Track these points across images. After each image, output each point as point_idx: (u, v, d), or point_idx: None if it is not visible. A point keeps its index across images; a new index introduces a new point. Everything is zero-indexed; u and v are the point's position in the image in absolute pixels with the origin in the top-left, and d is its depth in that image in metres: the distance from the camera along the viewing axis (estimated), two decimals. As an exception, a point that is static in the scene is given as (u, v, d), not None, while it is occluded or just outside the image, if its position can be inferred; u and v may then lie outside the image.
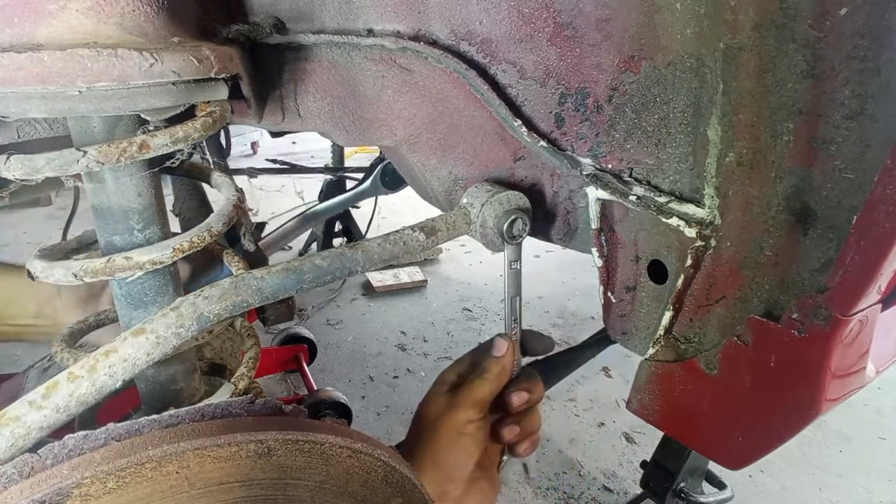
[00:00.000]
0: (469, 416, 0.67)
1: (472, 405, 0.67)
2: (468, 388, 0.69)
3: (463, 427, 0.66)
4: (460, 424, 0.66)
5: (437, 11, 0.66)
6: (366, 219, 3.10)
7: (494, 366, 0.70)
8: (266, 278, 0.55)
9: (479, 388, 0.68)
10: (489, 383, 0.69)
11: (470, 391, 0.68)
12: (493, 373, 0.69)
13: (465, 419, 0.67)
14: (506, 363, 0.71)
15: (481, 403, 0.68)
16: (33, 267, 0.56)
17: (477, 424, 0.67)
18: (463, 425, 0.66)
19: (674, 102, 0.60)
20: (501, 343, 0.71)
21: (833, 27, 0.48)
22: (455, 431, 0.66)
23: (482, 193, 0.69)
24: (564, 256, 3.38)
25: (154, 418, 0.45)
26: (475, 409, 0.67)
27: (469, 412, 0.67)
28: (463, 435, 0.66)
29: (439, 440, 0.66)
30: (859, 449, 2.05)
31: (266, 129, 2.27)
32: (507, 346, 0.71)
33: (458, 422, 0.66)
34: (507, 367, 0.71)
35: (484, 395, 0.68)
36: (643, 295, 0.73)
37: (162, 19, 0.53)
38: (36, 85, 0.46)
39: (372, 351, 2.56)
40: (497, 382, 0.70)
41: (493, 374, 0.69)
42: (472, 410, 0.67)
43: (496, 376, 0.69)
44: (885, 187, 0.47)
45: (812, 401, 0.58)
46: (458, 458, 0.66)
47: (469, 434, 0.67)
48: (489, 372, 0.69)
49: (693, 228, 0.62)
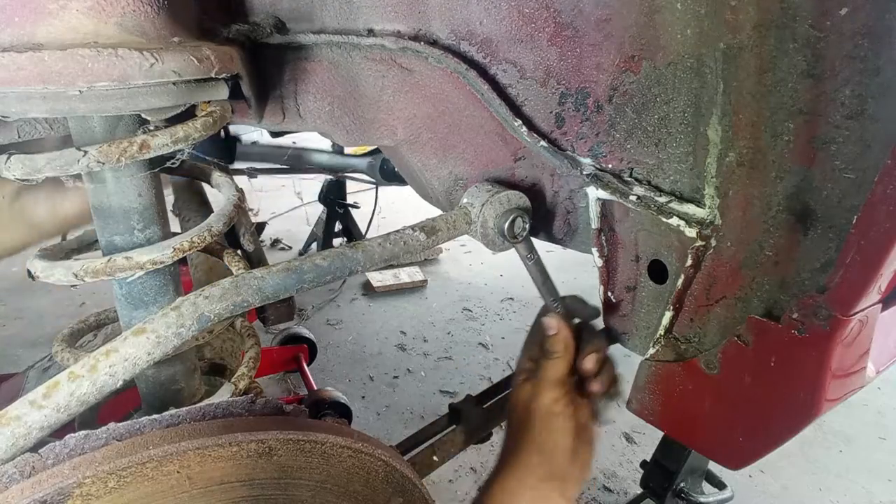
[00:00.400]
0: (554, 395, 0.70)
1: (553, 385, 0.71)
2: (543, 372, 0.72)
3: (552, 407, 0.70)
4: (549, 405, 0.70)
5: (437, 11, 0.66)
6: (366, 219, 3.10)
7: (557, 344, 0.72)
8: (266, 278, 0.55)
9: (554, 368, 0.72)
10: (560, 360, 0.72)
11: (547, 373, 0.72)
12: (558, 350, 0.72)
13: (551, 399, 0.70)
14: (564, 336, 0.73)
15: (560, 380, 0.71)
16: (34, 267, 0.56)
17: (564, 401, 0.70)
18: (552, 405, 0.70)
19: (674, 102, 0.60)
20: (551, 321, 0.73)
21: (833, 27, 0.48)
22: (546, 413, 0.70)
23: (482, 193, 0.69)
24: (564, 256, 3.37)
25: (155, 418, 0.45)
26: (557, 387, 0.71)
27: (552, 392, 0.70)
28: (554, 415, 0.70)
29: (535, 426, 0.70)
30: (859, 449, 2.05)
31: (266, 129, 2.27)
32: (556, 322, 0.73)
33: (546, 404, 0.70)
34: (567, 339, 0.73)
35: (560, 372, 0.72)
36: (643, 295, 0.73)
37: (162, 19, 0.53)
38: (36, 85, 0.46)
39: (372, 351, 2.56)
40: (566, 357, 0.72)
41: (560, 351, 0.72)
42: (554, 390, 0.71)
43: (563, 352, 0.72)
44: (885, 187, 0.47)
45: (812, 401, 0.58)
46: (556, 437, 0.69)
47: (559, 412, 0.70)
48: (555, 351, 0.72)
49: (693, 228, 0.62)
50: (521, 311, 2.85)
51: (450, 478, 1.87)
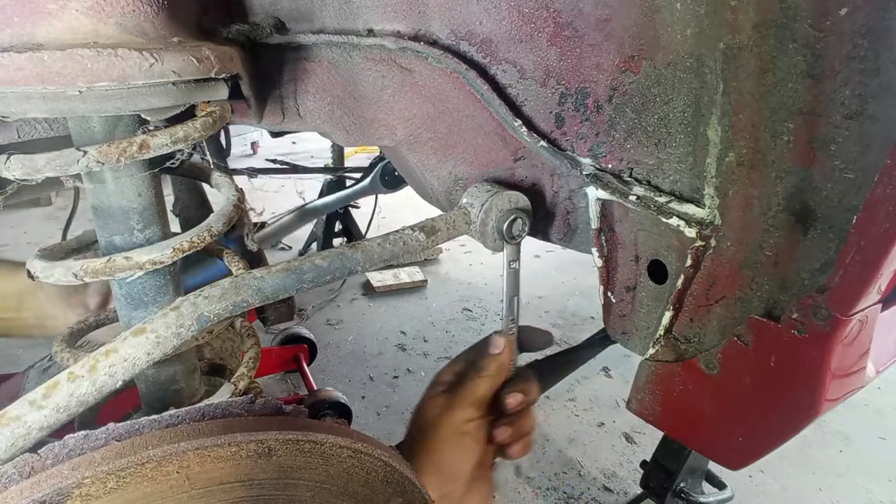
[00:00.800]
0: (469, 414, 0.66)
1: (471, 404, 0.67)
2: (466, 387, 0.68)
3: (463, 426, 0.66)
4: (460, 423, 0.66)
5: (437, 11, 0.66)
6: (366, 219, 3.10)
7: (492, 363, 0.69)
8: (266, 278, 0.55)
9: (478, 387, 0.68)
10: (487, 381, 0.68)
11: (468, 390, 0.68)
12: (490, 370, 0.69)
13: (465, 418, 0.66)
14: (503, 360, 0.70)
15: (480, 401, 0.68)
16: (33, 267, 0.56)
17: (477, 423, 0.67)
18: (463, 424, 0.66)
19: (674, 102, 0.60)
20: (498, 340, 0.71)
21: (833, 27, 0.48)
22: (455, 431, 0.66)
23: (482, 193, 0.69)
24: (564, 256, 3.38)
25: (154, 418, 0.45)
26: (474, 407, 0.67)
27: (468, 411, 0.67)
28: (463, 434, 0.66)
29: (440, 441, 0.65)
30: (859, 449, 2.05)
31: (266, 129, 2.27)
32: (503, 344, 0.71)
33: (458, 421, 0.66)
34: (504, 364, 0.70)
35: (482, 392, 0.68)
36: (643, 295, 0.73)
37: (162, 19, 0.53)
38: (36, 85, 0.46)
39: (372, 351, 2.56)
40: (495, 380, 0.69)
41: (491, 372, 0.69)
42: (471, 409, 0.67)
43: (494, 374, 0.69)
44: (885, 187, 0.47)
45: (812, 401, 0.58)
46: (459, 457, 0.65)
47: (469, 433, 0.66)
48: (487, 370, 0.69)
49: (693, 228, 0.62)
50: (520, 311, 2.84)
51: (450, 478, 1.87)
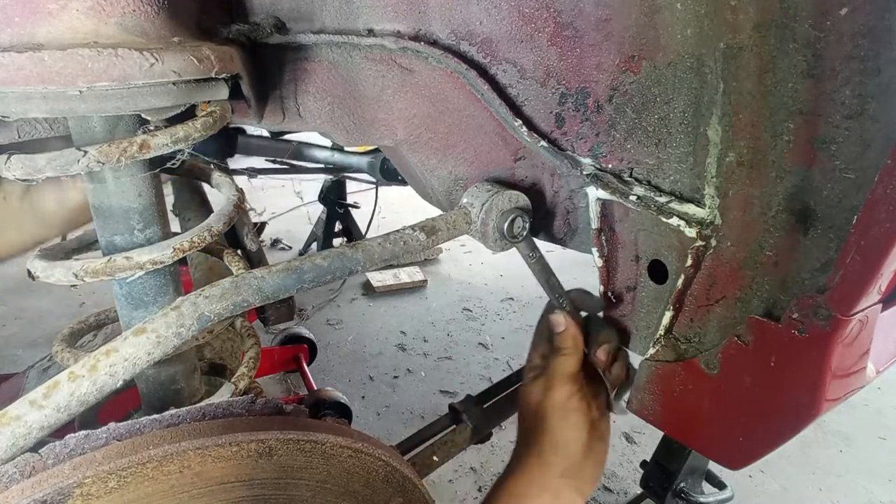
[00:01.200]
0: (567, 391, 0.70)
1: (566, 380, 0.70)
2: (555, 368, 0.71)
3: (566, 403, 0.69)
4: (563, 401, 0.69)
5: (437, 11, 0.66)
6: (366, 219, 3.10)
7: (565, 340, 0.72)
8: (266, 278, 0.55)
9: (565, 363, 0.71)
10: (571, 356, 0.71)
11: (558, 369, 0.71)
12: (568, 346, 0.72)
13: (565, 395, 0.70)
14: (574, 333, 0.72)
15: (573, 376, 0.71)
16: (34, 267, 0.56)
17: (577, 396, 0.70)
18: (566, 401, 0.69)
19: (674, 102, 0.60)
20: (557, 318, 0.73)
21: (833, 27, 0.48)
22: (561, 410, 0.69)
23: (482, 193, 0.69)
24: (564, 256, 3.37)
25: (155, 418, 0.45)
26: (570, 383, 0.70)
27: (566, 388, 0.70)
28: (569, 410, 0.69)
29: (550, 422, 0.69)
30: (859, 449, 2.05)
31: (266, 129, 2.27)
32: (563, 318, 0.73)
33: (560, 400, 0.69)
34: (576, 336, 0.73)
35: (572, 367, 0.71)
36: (643, 295, 0.73)
37: (162, 19, 0.53)
38: (36, 85, 0.46)
39: (372, 351, 2.56)
40: (576, 352, 0.72)
41: (570, 347, 0.72)
42: (568, 385, 0.70)
43: (573, 347, 0.72)
44: (885, 187, 0.47)
45: (812, 401, 0.58)
46: (571, 433, 0.69)
47: (574, 408, 0.69)
48: (565, 347, 0.72)
49: (693, 228, 0.62)
50: (521, 311, 2.85)
51: (450, 478, 1.87)
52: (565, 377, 0.70)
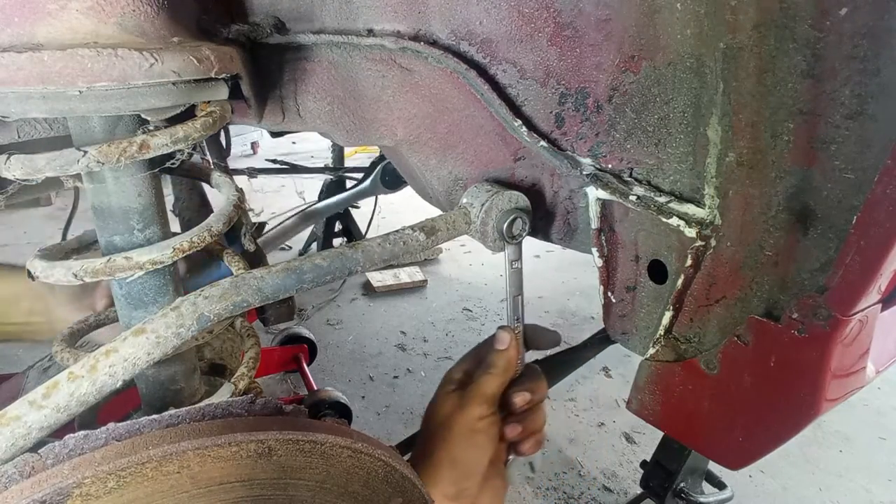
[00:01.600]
0: (481, 411, 0.67)
1: (483, 401, 0.67)
2: (476, 384, 0.69)
3: (475, 423, 0.66)
4: (473, 421, 0.66)
5: (437, 11, 0.66)
6: (366, 219, 3.10)
7: (500, 359, 0.70)
8: (266, 278, 0.55)
9: (488, 383, 0.68)
10: (496, 377, 0.69)
11: (479, 387, 0.68)
12: (499, 366, 0.69)
13: (477, 415, 0.67)
14: (510, 355, 0.70)
15: (491, 398, 0.68)
16: (33, 267, 0.56)
17: (489, 420, 0.67)
18: (475, 421, 0.66)
19: (674, 102, 0.60)
20: (504, 336, 0.71)
21: (833, 27, 0.48)
22: (468, 428, 0.66)
23: (482, 193, 0.69)
24: (564, 256, 3.37)
25: (154, 418, 0.45)
26: (486, 404, 0.67)
27: (480, 408, 0.67)
28: (476, 431, 0.66)
29: (453, 438, 0.66)
30: (859, 449, 2.05)
31: (266, 129, 2.28)
32: (510, 338, 0.71)
33: (471, 418, 0.66)
34: (512, 359, 0.71)
35: (493, 389, 0.68)
36: (643, 295, 0.73)
37: (162, 19, 0.53)
38: (36, 85, 0.46)
39: (372, 351, 2.56)
40: (504, 376, 0.70)
41: (500, 368, 0.69)
42: (483, 406, 0.67)
43: (503, 370, 0.69)
44: (885, 187, 0.47)
45: (812, 401, 0.58)
46: (473, 454, 0.66)
47: (482, 430, 0.67)
48: (495, 366, 0.69)
49: (693, 228, 0.62)
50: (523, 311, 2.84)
51: (450, 478, 1.87)
52: (484, 397, 0.67)
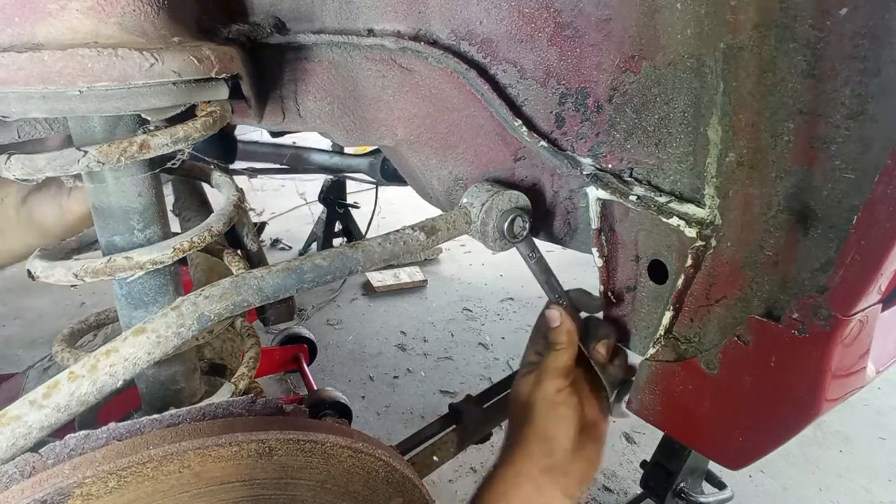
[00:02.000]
0: (557, 384, 0.70)
1: (557, 374, 0.71)
2: (547, 361, 0.72)
3: (555, 396, 0.70)
4: (551, 394, 0.70)
5: (437, 11, 0.66)
6: (366, 219, 3.10)
7: (560, 334, 0.72)
8: (267, 278, 0.55)
9: (557, 358, 0.72)
10: (564, 351, 0.72)
11: (550, 363, 0.72)
12: (562, 341, 0.72)
13: (554, 389, 0.70)
14: (568, 328, 0.73)
15: (564, 371, 0.71)
16: (34, 267, 0.56)
17: (567, 391, 0.71)
18: (554, 395, 0.70)
19: (674, 102, 0.60)
20: (553, 313, 0.74)
21: (833, 27, 0.48)
22: (549, 402, 0.70)
23: (482, 193, 0.69)
24: (564, 256, 3.37)
25: (155, 418, 0.45)
26: (560, 377, 0.71)
27: (556, 381, 0.71)
28: (557, 404, 0.70)
29: (537, 414, 0.70)
30: (859, 449, 2.05)
31: (266, 129, 2.28)
32: (559, 314, 0.73)
33: (549, 393, 0.70)
34: (571, 330, 0.73)
35: (564, 362, 0.72)
36: (643, 295, 0.73)
37: (162, 19, 0.53)
38: (37, 85, 0.46)
39: (372, 351, 2.56)
40: (571, 347, 0.73)
41: (564, 342, 0.72)
42: (558, 380, 0.71)
43: (567, 343, 0.72)
44: (885, 187, 0.47)
45: (812, 401, 0.58)
46: (558, 426, 0.69)
47: (562, 402, 0.70)
48: (559, 342, 0.72)
49: (693, 228, 0.62)
50: (521, 311, 2.85)
51: (450, 478, 1.87)
52: (556, 371, 0.71)
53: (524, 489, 0.66)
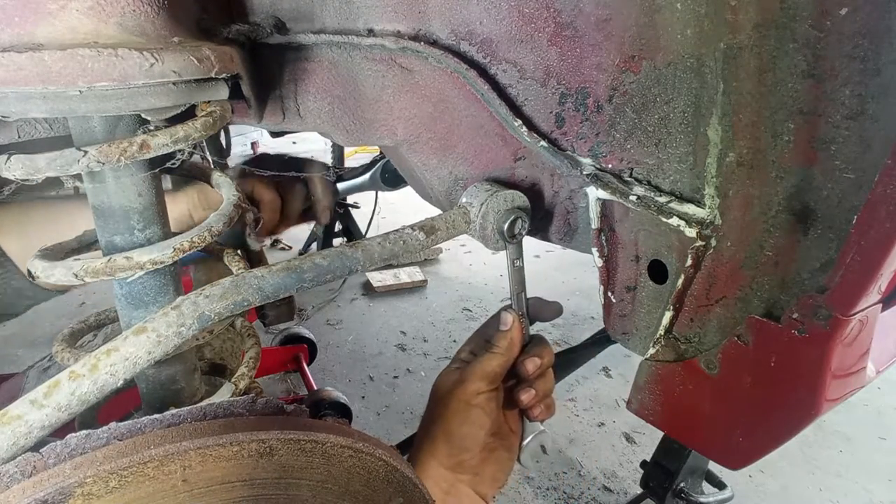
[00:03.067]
0: (478, 387, 0.69)
1: (482, 377, 0.69)
2: (478, 362, 0.71)
3: (472, 398, 0.68)
4: (469, 396, 0.68)
5: (437, 11, 0.66)
6: (366, 218, 3.10)
7: (502, 339, 0.71)
8: (267, 277, 0.55)
9: (489, 362, 0.70)
10: (498, 356, 0.71)
11: (479, 364, 0.70)
12: (501, 346, 0.71)
13: (473, 391, 0.68)
14: (514, 336, 0.72)
15: (490, 375, 0.70)
16: (34, 267, 0.56)
17: (486, 395, 0.69)
18: (472, 396, 0.68)
19: (674, 102, 0.60)
20: (507, 317, 0.72)
21: (833, 27, 0.48)
22: (464, 403, 0.68)
23: (482, 193, 0.70)
24: (564, 256, 3.37)
25: (156, 417, 0.45)
26: (484, 381, 0.69)
27: (478, 384, 0.69)
28: (472, 406, 0.68)
29: (450, 413, 0.68)
30: (859, 449, 2.05)
31: (266, 129, 2.28)
32: (512, 319, 0.72)
33: (468, 394, 0.68)
34: (515, 339, 0.72)
35: (493, 367, 0.70)
36: (643, 295, 0.73)
37: (162, 19, 0.53)
38: (36, 85, 0.46)
39: (372, 351, 2.56)
40: (507, 355, 0.71)
41: (502, 348, 0.71)
42: (481, 382, 0.69)
43: (505, 349, 0.71)
44: (885, 187, 0.47)
45: (812, 401, 0.58)
46: (469, 428, 0.68)
47: (479, 405, 0.68)
48: (498, 346, 0.71)
49: (693, 228, 0.62)
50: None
51: (450, 478, 1.87)
52: (483, 374, 0.69)
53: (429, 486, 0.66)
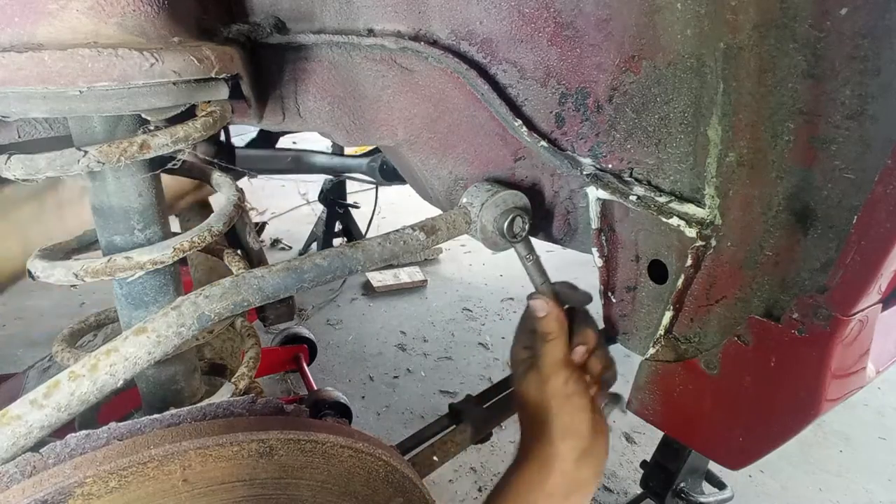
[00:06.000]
0: (564, 376, 0.69)
1: (559, 366, 0.69)
2: (545, 355, 0.70)
3: (564, 388, 0.68)
4: (562, 387, 0.68)
5: (437, 11, 0.66)
6: (366, 219, 3.10)
7: (550, 324, 0.71)
8: (267, 277, 0.55)
9: (554, 349, 0.70)
10: (557, 341, 0.70)
11: (548, 356, 0.70)
12: (553, 331, 0.70)
13: (562, 381, 0.68)
14: (557, 315, 0.71)
15: (564, 360, 0.70)
16: (34, 267, 0.56)
17: (573, 378, 0.69)
18: (563, 387, 0.68)
19: (674, 102, 0.60)
20: (539, 303, 0.72)
21: (833, 27, 0.48)
22: (561, 396, 0.68)
23: (482, 193, 0.69)
24: (564, 256, 3.36)
25: (156, 418, 0.45)
26: (564, 367, 0.69)
27: (561, 374, 0.69)
28: (570, 395, 0.68)
29: (554, 411, 0.68)
30: (859, 449, 2.04)
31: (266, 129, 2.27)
32: (544, 302, 0.71)
33: (559, 386, 0.68)
34: (560, 319, 0.71)
35: (560, 352, 0.70)
36: (643, 295, 0.73)
37: (162, 19, 0.53)
38: (37, 85, 0.46)
39: (372, 351, 2.56)
40: (563, 336, 0.71)
41: (555, 332, 0.70)
42: (562, 371, 0.69)
43: (558, 332, 0.70)
44: (885, 187, 0.47)
45: (812, 401, 0.58)
46: (577, 416, 0.68)
47: (573, 391, 0.68)
48: (551, 331, 0.70)
49: (693, 228, 0.62)
50: (520, 311, 2.83)
51: (450, 478, 1.87)
52: (557, 363, 0.69)
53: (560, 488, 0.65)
